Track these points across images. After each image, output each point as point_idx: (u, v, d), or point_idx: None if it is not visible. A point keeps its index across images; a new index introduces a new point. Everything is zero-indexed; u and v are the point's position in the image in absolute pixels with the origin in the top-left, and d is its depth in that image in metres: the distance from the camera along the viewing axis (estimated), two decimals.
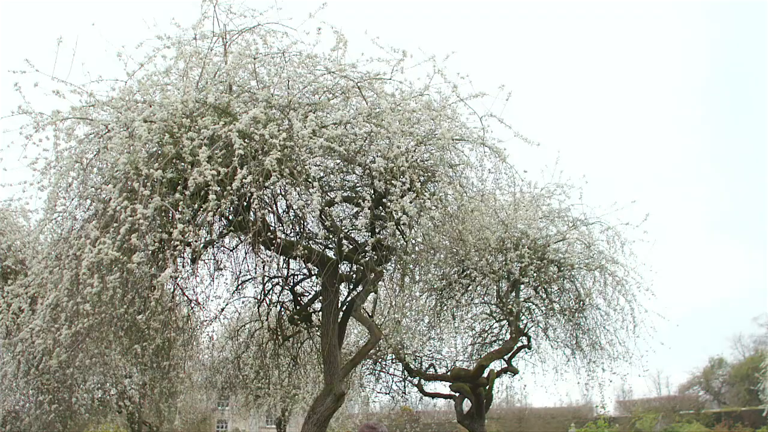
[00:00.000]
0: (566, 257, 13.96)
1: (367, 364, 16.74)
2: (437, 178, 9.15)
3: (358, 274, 10.58)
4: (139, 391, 17.63)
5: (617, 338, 14.74)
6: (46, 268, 8.62)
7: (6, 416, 14.84)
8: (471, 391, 15.80)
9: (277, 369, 13.23)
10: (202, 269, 10.27)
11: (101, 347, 9.57)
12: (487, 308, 15.99)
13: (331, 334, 10.19)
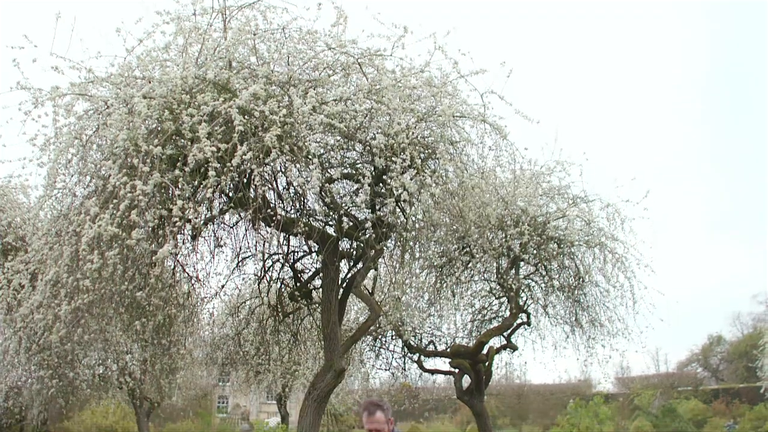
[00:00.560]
0: (566, 234, 13.97)
1: (367, 340, 16.81)
2: (438, 155, 9.12)
3: (358, 251, 10.58)
4: (140, 367, 17.71)
5: (616, 315, 14.82)
6: (46, 245, 8.63)
7: (8, 391, 14.96)
8: (470, 367, 15.88)
9: (277, 345, 13.27)
10: (202, 246, 10.26)
11: (101, 323, 9.59)
12: (487, 285, 16.04)
13: (332, 311, 10.22)
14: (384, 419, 5.47)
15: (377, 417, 5.46)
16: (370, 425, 5.50)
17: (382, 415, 5.48)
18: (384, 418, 5.47)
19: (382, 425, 5.45)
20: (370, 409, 5.54)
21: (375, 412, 5.49)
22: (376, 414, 5.48)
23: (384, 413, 5.49)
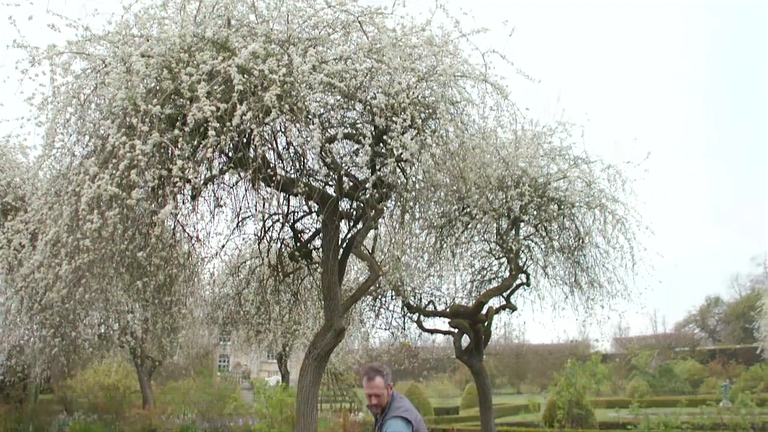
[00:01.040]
0: (567, 195, 13.95)
1: (366, 300, 16.88)
2: (438, 115, 9.06)
3: (358, 211, 10.58)
4: (141, 327, 17.85)
5: (616, 276, 14.86)
6: (45, 204, 8.61)
7: (11, 350, 15.07)
8: (470, 327, 15.97)
9: (277, 305, 13.33)
10: (202, 206, 10.25)
11: (102, 283, 9.62)
12: (487, 246, 16.06)
13: (332, 271, 10.25)
14: (383, 384, 5.50)
15: (376, 382, 5.50)
16: (369, 390, 5.53)
17: (382, 380, 5.50)
18: (383, 383, 5.50)
19: (381, 390, 5.49)
20: (369, 374, 5.57)
21: (374, 377, 5.52)
22: (375, 379, 5.51)
23: (383, 378, 5.51)
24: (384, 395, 5.49)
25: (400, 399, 5.54)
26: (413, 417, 5.39)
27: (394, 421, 5.32)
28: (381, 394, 5.48)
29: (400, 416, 5.32)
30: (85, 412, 23.27)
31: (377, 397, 5.49)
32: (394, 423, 5.31)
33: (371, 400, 5.54)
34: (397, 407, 5.43)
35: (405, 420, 5.31)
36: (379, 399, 5.49)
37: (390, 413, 5.40)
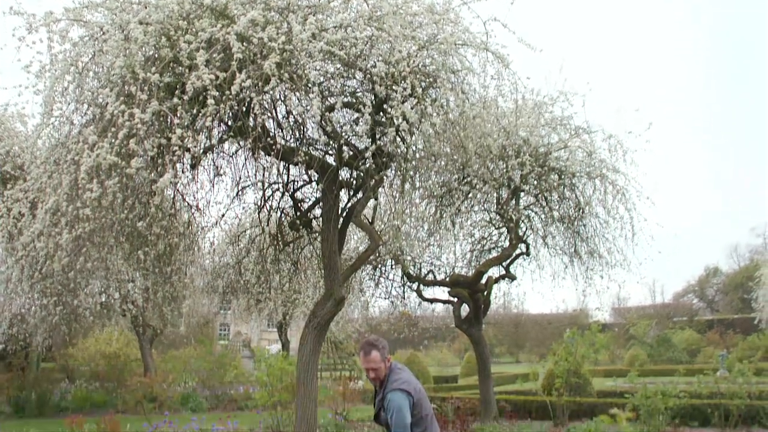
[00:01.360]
0: (567, 165, 13.93)
1: (366, 269, 16.93)
2: (439, 84, 9.00)
3: (358, 180, 10.55)
4: (142, 296, 17.91)
5: (615, 246, 14.90)
6: (44, 173, 8.59)
7: (12, 319, 15.13)
8: (469, 296, 16.05)
9: (277, 274, 13.36)
10: (201, 175, 10.23)
11: (102, 252, 9.62)
12: (487, 215, 16.07)
13: (331, 240, 10.25)
14: (380, 358, 5.51)
15: (372, 356, 5.52)
16: (366, 364, 5.56)
17: (378, 354, 5.52)
18: (380, 356, 5.52)
19: (378, 364, 5.51)
20: (365, 349, 5.59)
21: (370, 351, 5.54)
22: (371, 354, 5.53)
23: (379, 352, 5.53)
24: (381, 368, 5.52)
25: (398, 371, 5.57)
26: (412, 388, 5.42)
27: (394, 394, 5.36)
28: (378, 368, 5.51)
29: (399, 389, 5.35)
30: (87, 380, 23.46)
31: (374, 371, 5.52)
32: (394, 396, 5.34)
33: (369, 374, 5.58)
34: (395, 380, 5.45)
35: (405, 392, 5.34)
36: (377, 372, 5.52)
37: (389, 386, 5.43)
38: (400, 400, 5.30)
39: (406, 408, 5.29)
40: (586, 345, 15.58)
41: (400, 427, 5.24)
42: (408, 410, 5.29)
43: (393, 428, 5.27)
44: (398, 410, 5.27)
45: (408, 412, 5.29)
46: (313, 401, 10.38)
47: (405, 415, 5.28)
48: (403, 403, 5.29)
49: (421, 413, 5.39)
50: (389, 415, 5.31)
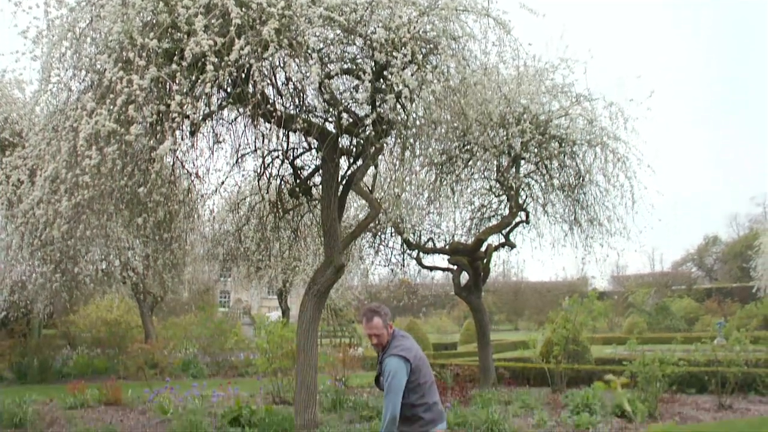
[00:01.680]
0: (568, 133, 13.88)
1: (366, 237, 16.95)
2: (439, 50, 8.93)
3: (358, 147, 10.52)
4: (142, 263, 17.93)
5: (615, 214, 14.89)
6: (43, 140, 8.56)
7: (13, 286, 15.16)
8: (469, 264, 16.09)
9: (277, 241, 13.38)
10: (201, 142, 10.20)
11: (102, 219, 9.62)
12: (487, 183, 16.05)
13: (331, 208, 10.25)
14: (382, 324, 5.55)
15: (375, 323, 5.55)
16: (368, 330, 5.60)
17: (380, 320, 5.55)
18: (382, 323, 5.55)
19: (380, 330, 5.54)
20: (368, 315, 5.63)
21: (372, 318, 5.57)
22: (373, 320, 5.56)
23: (381, 318, 5.56)
24: (383, 335, 5.56)
25: (400, 338, 5.61)
26: (411, 355, 5.46)
27: (391, 359, 5.40)
28: (380, 334, 5.55)
29: (398, 354, 5.40)
30: (88, 346, 23.59)
31: (377, 337, 5.57)
32: (391, 361, 5.39)
33: (372, 339, 5.62)
34: (395, 346, 5.50)
35: (402, 358, 5.38)
36: (379, 338, 5.56)
37: (389, 351, 5.48)
38: (396, 366, 5.35)
39: (402, 374, 5.33)
40: (584, 313, 15.65)
41: (393, 392, 5.30)
42: (403, 376, 5.34)
43: (386, 393, 5.32)
44: (393, 375, 5.32)
45: (403, 378, 5.34)
46: (313, 368, 10.45)
47: (399, 380, 5.33)
48: (399, 369, 5.34)
49: (419, 380, 5.43)
50: (384, 380, 5.37)
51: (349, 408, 12.97)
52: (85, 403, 14.01)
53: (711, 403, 13.47)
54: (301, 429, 10.12)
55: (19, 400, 12.48)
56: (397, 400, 5.29)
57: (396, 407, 5.28)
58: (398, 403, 5.30)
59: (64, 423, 11.93)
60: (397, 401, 5.29)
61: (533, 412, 12.43)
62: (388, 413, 5.27)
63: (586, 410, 12.07)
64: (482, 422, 11.15)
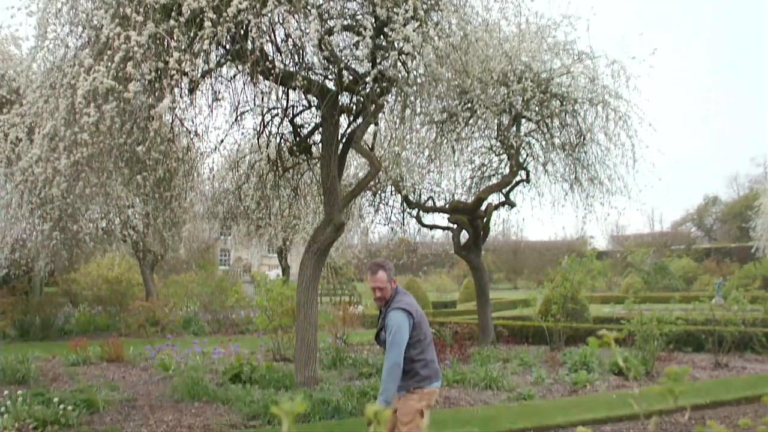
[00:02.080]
0: (569, 91, 13.79)
1: (366, 195, 16.93)
2: (441, 6, 8.82)
3: (358, 105, 10.45)
4: (142, 221, 17.93)
5: (616, 173, 14.86)
6: (41, 97, 8.49)
7: (14, 244, 15.18)
8: (469, 223, 16.10)
9: (277, 200, 13.36)
10: (200, 100, 10.10)
11: (102, 177, 9.59)
12: (488, 142, 15.99)
13: (331, 166, 10.21)
14: (386, 278, 5.62)
15: (379, 276, 5.61)
16: (372, 284, 5.67)
17: (384, 274, 5.62)
18: (386, 277, 5.62)
19: (384, 284, 5.61)
20: (372, 269, 5.70)
21: (377, 271, 5.63)
22: (378, 273, 5.62)
23: (386, 273, 5.63)
24: (387, 289, 5.63)
25: (403, 294, 5.69)
26: (414, 310, 5.55)
27: (395, 312, 5.47)
28: (384, 288, 5.62)
29: (401, 308, 5.48)
30: (90, 304, 23.70)
31: (380, 290, 5.63)
32: (395, 315, 5.46)
33: (375, 293, 5.69)
34: (398, 300, 5.58)
35: (406, 312, 5.46)
36: (383, 292, 5.63)
37: (392, 305, 5.54)
38: (401, 320, 5.41)
39: (406, 328, 5.40)
40: (583, 271, 15.70)
41: (397, 344, 5.36)
42: (407, 330, 5.41)
43: (389, 345, 5.38)
44: (398, 329, 5.39)
45: (407, 332, 5.41)
46: (313, 325, 10.52)
47: (403, 334, 5.40)
48: (403, 323, 5.41)
49: (419, 336, 5.50)
50: (387, 333, 5.42)
51: (348, 365, 13.09)
52: (87, 360, 14.13)
53: (708, 362, 13.59)
54: (301, 385, 10.22)
55: (22, 357, 12.58)
56: (400, 352, 5.36)
57: (399, 359, 5.35)
58: (401, 355, 5.37)
59: (67, 379, 12.05)
60: (401, 354, 5.36)
61: (531, 370, 12.55)
62: (391, 365, 5.33)
63: (583, 368, 12.19)
64: (481, 379, 11.26)
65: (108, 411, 9.66)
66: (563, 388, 11.20)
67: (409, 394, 5.49)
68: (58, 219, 11.06)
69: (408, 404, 5.48)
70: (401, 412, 5.47)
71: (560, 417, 8.84)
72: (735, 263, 47.33)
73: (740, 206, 60.11)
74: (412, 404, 5.47)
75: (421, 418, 5.52)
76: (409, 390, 5.48)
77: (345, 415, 9.03)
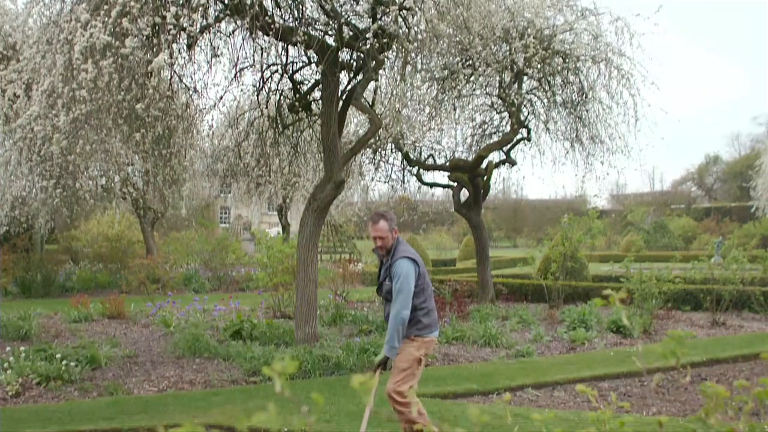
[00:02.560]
0: (572, 48, 13.64)
1: (366, 153, 16.85)
2: None
3: (358, 62, 10.35)
4: (141, 178, 17.90)
5: (617, 132, 14.78)
6: (38, 53, 8.41)
7: (13, 201, 15.18)
8: (469, 181, 16.06)
9: (277, 157, 13.31)
10: (198, 56, 10.04)
11: (101, 134, 9.55)
12: (489, 99, 15.88)
13: (331, 123, 10.15)
14: (387, 228, 5.67)
15: (381, 225, 5.66)
16: (374, 233, 5.73)
17: (386, 224, 5.67)
18: (387, 226, 5.68)
19: (385, 233, 5.66)
20: (374, 218, 5.76)
21: (378, 221, 5.68)
22: (379, 223, 5.67)
23: (387, 222, 5.69)
24: (388, 238, 5.69)
25: (404, 244, 5.77)
26: (419, 261, 5.62)
27: (402, 261, 5.55)
28: (385, 237, 5.68)
29: (408, 257, 5.55)
30: (91, 261, 23.75)
31: (382, 239, 5.70)
32: (402, 263, 5.54)
33: (376, 242, 5.74)
34: (403, 250, 5.66)
35: (412, 261, 5.56)
36: (384, 241, 5.70)
37: (396, 255, 5.61)
38: (408, 268, 5.51)
39: (412, 276, 5.50)
40: (583, 230, 15.71)
41: (404, 292, 5.45)
42: (413, 278, 5.52)
43: (396, 293, 5.45)
44: (405, 276, 5.48)
45: (413, 280, 5.52)
46: (314, 282, 10.56)
47: (410, 281, 5.49)
48: (410, 271, 5.51)
49: (422, 285, 5.63)
50: (395, 281, 5.48)
51: (348, 322, 13.18)
52: (88, 317, 14.21)
53: (705, 320, 13.68)
54: (301, 342, 10.29)
55: (24, 314, 12.64)
56: (408, 299, 5.47)
57: (407, 305, 5.46)
58: (409, 303, 5.47)
59: (69, 335, 12.13)
60: (408, 301, 5.47)
61: (530, 328, 12.64)
62: (398, 312, 5.41)
63: (582, 326, 12.28)
64: (480, 336, 11.34)
65: (110, 367, 9.76)
66: (561, 346, 11.28)
67: (408, 341, 5.58)
68: (58, 176, 11.04)
69: (407, 351, 5.57)
70: (399, 358, 5.56)
71: (558, 374, 8.93)
72: (734, 222, 47.40)
73: (741, 165, 59.97)
74: (412, 351, 5.56)
75: (419, 366, 5.60)
76: (410, 337, 5.58)
77: (345, 372, 9.12)
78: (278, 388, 1.24)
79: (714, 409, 1.63)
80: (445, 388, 7.99)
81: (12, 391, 8.22)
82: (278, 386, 1.24)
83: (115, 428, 6.53)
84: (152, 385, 8.85)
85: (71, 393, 8.40)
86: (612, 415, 1.92)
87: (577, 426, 6.28)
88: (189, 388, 8.73)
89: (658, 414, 7.33)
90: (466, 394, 8.11)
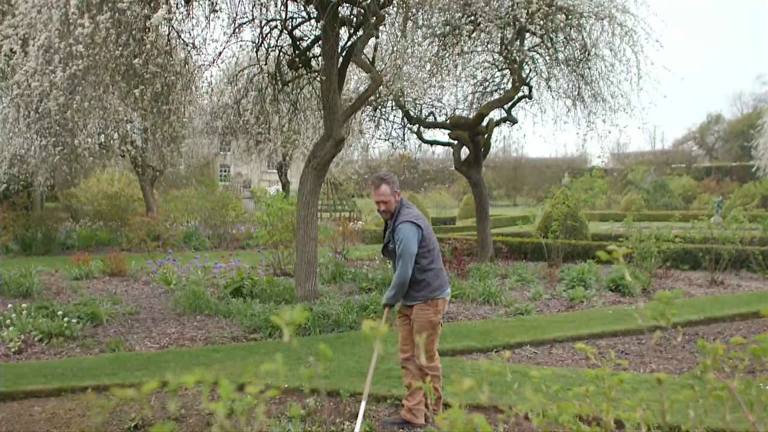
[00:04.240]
0: (575, 5, 13.45)
1: (366, 110, 16.77)
2: None
3: (359, 17, 10.23)
4: (140, 136, 17.81)
5: (620, 90, 14.65)
6: (33, 8, 8.30)
7: (12, 159, 15.13)
8: (469, 139, 16.00)
9: (277, 114, 13.23)
10: (197, 11, 9.89)
11: (99, 91, 9.46)
12: (490, 57, 15.74)
13: (331, 80, 10.07)
14: (389, 191, 5.64)
15: (382, 190, 5.63)
16: (376, 197, 5.71)
17: (387, 187, 5.64)
18: (389, 190, 5.64)
19: (387, 197, 5.64)
20: (375, 183, 5.73)
21: (380, 185, 5.65)
22: (381, 187, 5.64)
23: (389, 186, 5.65)
24: (391, 202, 5.67)
25: (408, 206, 5.75)
26: (423, 223, 5.61)
27: (404, 225, 5.55)
28: (388, 201, 5.66)
29: (410, 221, 5.55)
30: (91, 219, 23.79)
31: (384, 204, 5.68)
32: (405, 227, 5.54)
33: (379, 206, 5.72)
34: (406, 213, 5.64)
35: (415, 224, 5.55)
36: (387, 206, 5.68)
37: (400, 218, 5.61)
38: (410, 231, 5.52)
39: (415, 239, 5.52)
40: (583, 190, 15.69)
41: (408, 255, 5.49)
42: (416, 241, 5.53)
43: (399, 256, 5.50)
44: (408, 240, 5.50)
45: (416, 243, 5.53)
46: (314, 240, 10.57)
47: (413, 244, 5.52)
48: (412, 235, 5.52)
49: (428, 246, 5.63)
50: (397, 245, 5.51)
51: (348, 280, 13.23)
52: (89, 274, 14.28)
53: (704, 279, 13.73)
54: (301, 299, 10.35)
55: (25, 271, 12.70)
56: (411, 263, 5.51)
57: (409, 270, 5.51)
58: (411, 266, 5.52)
59: (70, 293, 12.19)
60: (411, 265, 5.52)
61: (529, 286, 12.70)
62: (401, 273, 5.50)
63: (581, 284, 12.33)
64: (479, 294, 11.40)
65: (111, 324, 9.83)
66: (560, 304, 11.34)
67: (424, 305, 5.61)
68: (56, 134, 10.98)
69: (424, 315, 5.62)
70: (419, 324, 5.63)
71: (557, 331, 8.99)
72: (735, 182, 47.34)
73: (743, 125, 59.70)
74: (428, 316, 5.62)
75: (438, 327, 5.71)
76: (426, 301, 5.59)
77: (345, 329, 9.19)
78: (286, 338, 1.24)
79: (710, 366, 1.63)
80: (444, 345, 8.04)
81: (14, 347, 8.29)
82: (286, 336, 1.24)
83: (117, 384, 6.59)
84: (153, 341, 8.92)
85: (73, 349, 8.47)
86: (610, 372, 1.93)
87: (575, 383, 6.34)
88: (190, 344, 8.81)
89: (656, 371, 7.39)
90: (465, 351, 8.19)
